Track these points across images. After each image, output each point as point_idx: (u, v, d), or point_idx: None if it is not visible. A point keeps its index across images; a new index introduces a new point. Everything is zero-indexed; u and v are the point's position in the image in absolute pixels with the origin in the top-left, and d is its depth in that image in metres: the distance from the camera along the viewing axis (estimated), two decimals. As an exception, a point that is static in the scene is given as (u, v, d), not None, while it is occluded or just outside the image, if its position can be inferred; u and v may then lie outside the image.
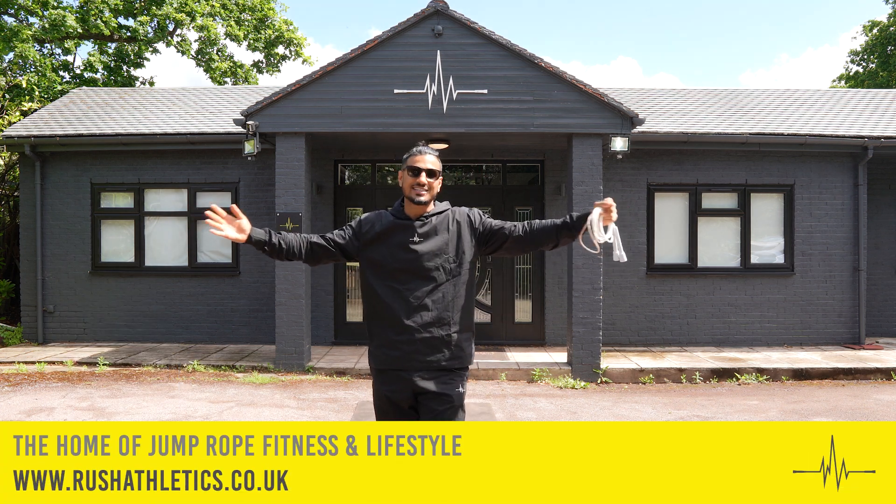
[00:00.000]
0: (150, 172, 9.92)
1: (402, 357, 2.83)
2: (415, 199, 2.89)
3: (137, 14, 17.12)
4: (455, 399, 2.84)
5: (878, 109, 11.00)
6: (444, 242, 2.91)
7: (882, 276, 10.25)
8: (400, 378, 2.84)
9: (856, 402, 6.86)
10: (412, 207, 2.95)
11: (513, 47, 8.11)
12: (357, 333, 9.74)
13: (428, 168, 2.92)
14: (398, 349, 2.83)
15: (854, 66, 22.77)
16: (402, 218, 2.97)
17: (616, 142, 8.13)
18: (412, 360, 2.83)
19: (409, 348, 2.82)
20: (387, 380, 2.88)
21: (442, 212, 3.01)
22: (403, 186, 2.96)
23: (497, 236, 2.94)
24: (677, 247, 9.81)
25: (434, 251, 2.89)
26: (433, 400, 2.82)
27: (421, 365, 2.83)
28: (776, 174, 9.78)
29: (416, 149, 3.01)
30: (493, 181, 10.11)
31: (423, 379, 2.82)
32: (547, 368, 8.14)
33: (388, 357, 2.86)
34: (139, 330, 9.86)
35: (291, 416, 6.19)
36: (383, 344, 2.88)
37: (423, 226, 2.92)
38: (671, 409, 6.60)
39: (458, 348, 2.88)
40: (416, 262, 2.86)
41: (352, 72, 8.17)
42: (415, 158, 2.95)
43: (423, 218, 2.95)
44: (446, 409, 2.81)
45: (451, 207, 3.06)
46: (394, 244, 2.91)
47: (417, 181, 2.90)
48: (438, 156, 3.01)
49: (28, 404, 6.46)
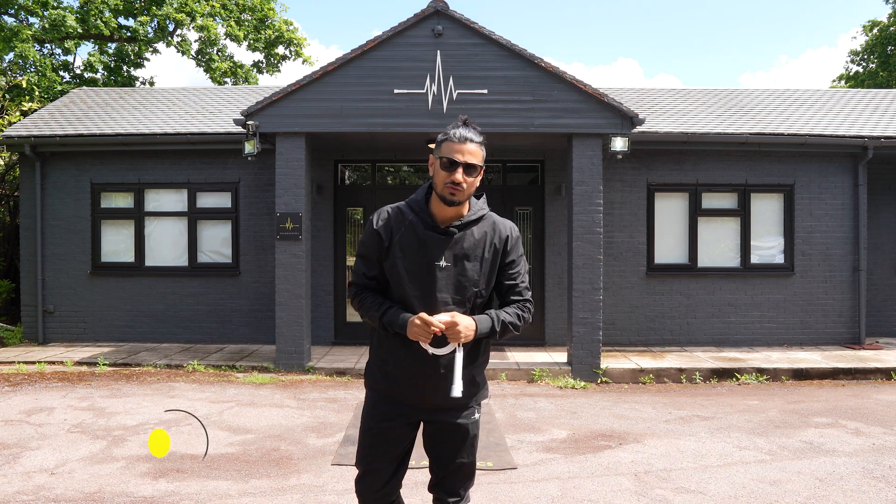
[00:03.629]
0: (150, 172, 9.92)
1: (412, 391, 2.44)
2: (448, 200, 2.33)
3: (137, 14, 17.12)
4: (472, 429, 2.49)
5: (878, 109, 11.00)
6: (477, 270, 2.39)
7: (882, 276, 10.25)
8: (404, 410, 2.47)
9: (856, 402, 6.85)
10: (443, 208, 2.37)
11: (513, 47, 8.10)
12: (357, 333, 9.74)
13: (468, 162, 2.31)
14: (408, 383, 2.42)
15: (854, 66, 22.77)
16: (429, 225, 2.38)
17: (616, 142, 8.13)
18: (424, 398, 2.44)
19: (421, 384, 2.41)
20: (387, 408, 2.49)
21: (479, 219, 2.43)
22: (435, 178, 2.37)
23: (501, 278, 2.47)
24: (677, 247, 9.81)
25: (463, 282, 2.37)
26: (448, 430, 2.47)
27: (434, 404, 2.45)
28: (776, 174, 9.78)
29: (457, 132, 2.34)
30: (493, 181, 10.11)
31: (434, 411, 2.47)
32: (547, 368, 8.14)
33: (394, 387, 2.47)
34: (139, 330, 9.86)
35: (291, 416, 6.19)
36: (389, 371, 2.46)
37: (454, 243, 2.36)
38: (671, 409, 6.60)
39: (476, 385, 2.50)
40: (443, 289, 2.34)
41: (352, 72, 8.17)
42: (451, 146, 2.31)
43: (455, 227, 2.37)
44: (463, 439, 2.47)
45: (492, 214, 2.50)
46: (415, 260, 2.36)
47: (453, 178, 2.29)
48: (483, 141, 2.38)
49: (28, 404, 6.46)
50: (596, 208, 8.22)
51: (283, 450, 5.17)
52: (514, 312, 2.45)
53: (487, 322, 2.37)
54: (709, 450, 5.22)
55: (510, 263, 2.46)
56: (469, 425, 2.48)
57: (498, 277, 2.47)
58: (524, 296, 2.50)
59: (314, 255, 9.58)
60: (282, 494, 4.23)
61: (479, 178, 2.38)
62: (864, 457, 5.03)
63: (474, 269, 2.38)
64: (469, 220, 2.40)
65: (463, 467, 2.53)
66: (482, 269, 2.40)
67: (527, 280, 2.54)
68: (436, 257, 2.34)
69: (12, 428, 5.67)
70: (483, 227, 2.43)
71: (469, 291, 2.38)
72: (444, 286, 2.34)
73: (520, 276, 2.49)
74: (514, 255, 2.47)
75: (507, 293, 2.49)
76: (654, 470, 4.74)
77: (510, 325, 2.41)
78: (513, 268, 2.47)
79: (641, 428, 5.88)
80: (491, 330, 2.38)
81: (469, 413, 2.49)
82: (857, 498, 4.21)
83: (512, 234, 2.48)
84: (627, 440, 5.48)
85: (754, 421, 6.09)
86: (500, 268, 2.46)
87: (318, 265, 9.68)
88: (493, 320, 2.39)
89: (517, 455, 5.06)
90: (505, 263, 2.45)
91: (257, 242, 9.82)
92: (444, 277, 2.34)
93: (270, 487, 4.36)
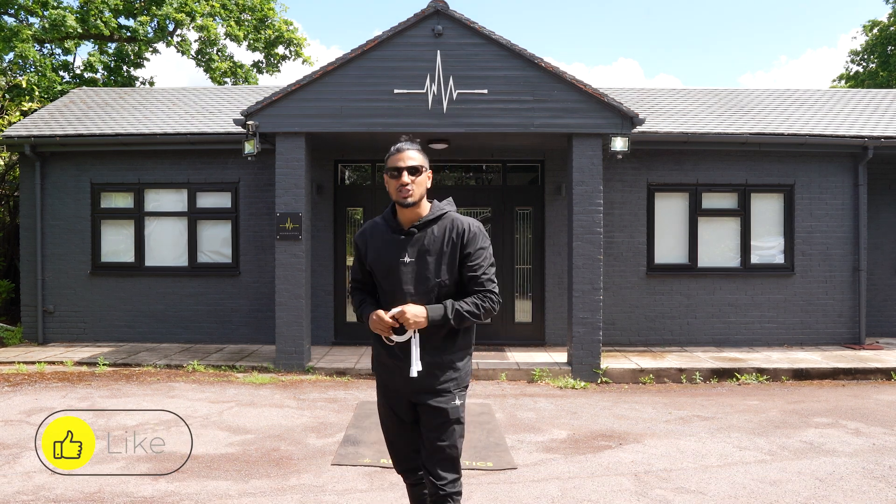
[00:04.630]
0: (150, 172, 9.91)
1: (396, 376, 2.78)
2: (402, 202, 2.68)
3: (137, 14, 17.12)
4: (451, 413, 2.74)
5: (878, 109, 10.99)
6: (437, 262, 2.70)
7: (882, 276, 10.24)
8: (398, 393, 2.83)
9: (856, 402, 6.85)
10: (403, 212, 2.74)
11: (513, 47, 8.10)
12: (357, 333, 9.74)
13: (408, 165, 2.68)
14: (393, 371, 2.78)
15: (854, 66, 22.76)
16: (394, 229, 2.76)
17: (616, 142, 8.13)
18: (404, 382, 2.76)
19: (397, 372, 2.76)
20: (387, 392, 2.88)
21: (438, 217, 2.76)
22: (390, 192, 2.74)
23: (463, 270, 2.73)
24: (677, 247, 9.81)
25: (426, 273, 2.69)
26: (429, 413, 2.75)
27: (416, 388, 2.75)
28: (776, 174, 9.78)
29: (394, 147, 2.75)
30: (493, 181, 10.11)
31: (417, 393, 2.76)
32: (547, 368, 8.14)
33: (385, 376, 2.85)
34: (139, 330, 9.85)
35: (291, 416, 6.19)
36: (381, 361, 2.84)
37: (415, 241, 2.71)
38: (671, 409, 6.59)
39: (454, 370, 2.76)
40: (408, 282, 2.69)
41: (352, 72, 8.17)
42: (393, 158, 2.71)
43: (415, 228, 2.73)
44: (442, 422, 2.74)
45: (452, 213, 2.80)
46: (386, 261, 2.74)
47: (400, 182, 2.66)
48: (420, 149, 2.76)
49: (28, 404, 6.46)
50: (596, 208, 8.22)
51: (283, 450, 5.17)
52: (473, 302, 2.69)
53: (440, 310, 2.64)
54: (709, 450, 5.22)
55: (468, 255, 2.70)
56: (448, 409, 2.71)
57: (460, 270, 2.72)
58: (486, 287, 2.72)
59: (314, 255, 9.57)
60: (282, 494, 4.23)
61: (428, 176, 2.73)
62: (864, 457, 5.02)
63: (434, 262, 2.67)
64: (427, 220, 2.72)
65: (442, 451, 2.72)
66: (442, 263, 2.68)
67: (491, 273, 2.76)
68: (400, 255, 2.69)
69: (12, 428, 5.67)
70: (443, 225, 2.73)
71: (431, 283, 2.67)
72: (408, 279, 2.67)
73: (481, 268, 2.71)
74: (471, 248, 2.70)
75: (469, 284, 2.72)
76: (654, 470, 4.74)
77: (466, 313, 2.65)
78: (472, 260, 2.70)
79: (641, 428, 5.87)
80: (443, 317, 2.64)
81: (448, 398, 2.73)
82: (858, 498, 4.21)
83: (469, 228, 2.72)
84: (627, 440, 5.48)
85: (754, 421, 6.09)
86: (460, 260, 2.70)
87: (318, 265, 9.68)
88: (447, 308, 2.65)
89: (517, 455, 5.06)
90: (464, 255, 2.70)
91: (257, 242, 9.81)
92: (407, 272, 2.67)
93: (270, 487, 4.36)
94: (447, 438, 2.74)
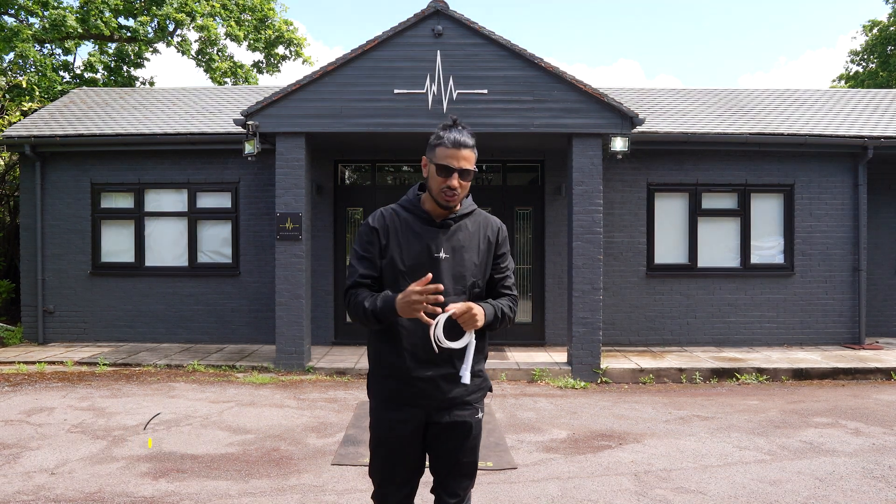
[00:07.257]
0: (150, 172, 9.92)
1: (419, 394, 2.39)
2: (443, 205, 2.37)
3: (137, 14, 17.12)
4: (475, 427, 2.47)
5: (878, 109, 11.00)
6: (475, 260, 2.42)
7: (882, 276, 10.24)
8: (416, 405, 2.41)
9: (856, 402, 6.85)
10: (436, 207, 2.41)
11: (513, 47, 8.10)
12: (357, 334, 9.74)
13: (463, 168, 2.32)
14: (415, 386, 2.38)
15: (854, 66, 22.76)
16: (425, 220, 2.41)
17: (616, 142, 8.13)
18: (430, 398, 2.39)
19: (426, 385, 2.37)
20: (398, 405, 2.43)
21: (470, 213, 2.48)
22: (430, 182, 2.39)
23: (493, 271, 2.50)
24: (677, 247, 9.81)
25: (462, 272, 2.39)
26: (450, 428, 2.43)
27: (440, 403, 2.40)
28: (776, 174, 9.78)
29: (450, 136, 2.33)
30: (493, 181, 10.11)
31: (439, 411, 2.42)
32: (547, 368, 8.14)
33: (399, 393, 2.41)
34: (139, 330, 9.85)
35: (291, 416, 6.19)
36: (393, 376, 2.40)
37: (452, 234, 2.39)
38: (671, 409, 6.60)
39: (481, 378, 2.49)
40: (442, 281, 2.29)
41: (352, 72, 8.17)
42: (446, 152, 2.32)
43: (450, 221, 2.41)
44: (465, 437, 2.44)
45: (480, 209, 2.55)
46: (415, 255, 2.37)
47: (448, 184, 2.32)
48: (475, 143, 2.39)
49: (28, 404, 6.46)
50: (596, 208, 8.22)
51: (283, 450, 5.17)
52: (507, 304, 2.49)
53: (491, 310, 2.40)
54: (709, 450, 5.22)
55: (502, 256, 2.51)
56: (472, 423, 2.46)
57: (489, 270, 2.51)
58: (513, 291, 2.55)
59: (314, 255, 9.57)
60: (282, 494, 4.23)
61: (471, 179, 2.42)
62: (864, 457, 5.03)
63: (471, 259, 2.41)
64: (463, 213, 2.45)
65: (464, 467, 2.51)
66: (479, 260, 2.43)
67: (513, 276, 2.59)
68: (435, 249, 2.37)
69: (12, 428, 5.67)
70: (476, 220, 2.48)
71: (468, 281, 2.40)
72: (445, 277, 2.35)
73: (508, 269, 2.54)
74: (504, 248, 2.52)
75: (497, 286, 2.51)
76: (654, 470, 4.74)
77: (506, 317, 2.46)
78: (504, 261, 2.52)
79: (641, 428, 5.88)
80: (494, 318, 2.40)
81: (472, 412, 2.47)
82: (857, 498, 4.21)
83: (502, 228, 2.55)
84: (627, 440, 5.48)
85: (754, 421, 6.10)
86: (493, 260, 2.50)
87: (318, 265, 9.68)
88: (496, 308, 2.42)
89: (517, 455, 5.06)
90: (497, 255, 2.50)
91: (257, 242, 9.82)
92: (445, 269, 2.36)
93: (270, 487, 4.36)
94: (469, 455, 2.49)
